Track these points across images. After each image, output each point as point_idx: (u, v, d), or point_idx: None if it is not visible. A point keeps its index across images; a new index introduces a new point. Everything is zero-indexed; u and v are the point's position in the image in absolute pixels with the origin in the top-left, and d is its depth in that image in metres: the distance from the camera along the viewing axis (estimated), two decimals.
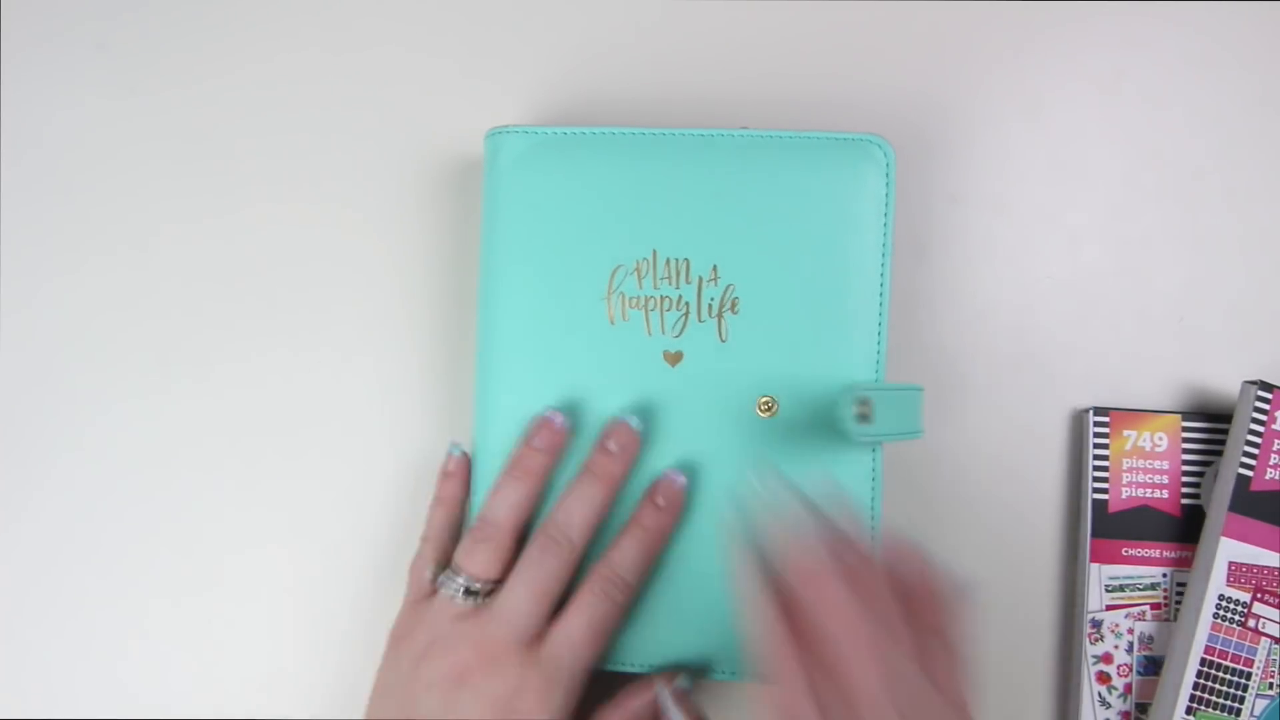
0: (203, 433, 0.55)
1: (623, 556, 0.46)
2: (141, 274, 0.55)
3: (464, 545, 0.47)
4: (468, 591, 0.46)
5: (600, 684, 0.47)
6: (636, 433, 0.47)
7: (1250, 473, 0.50)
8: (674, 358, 0.48)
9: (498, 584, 0.47)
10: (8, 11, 0.56)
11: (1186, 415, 0.53)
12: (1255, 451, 0.50)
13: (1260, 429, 0.50)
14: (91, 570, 0.54)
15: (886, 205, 0.48)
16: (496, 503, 0.47)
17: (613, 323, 0.48)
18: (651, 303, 0.48)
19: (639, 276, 0.48)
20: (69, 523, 0.55)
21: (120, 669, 0.54)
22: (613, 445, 0.47)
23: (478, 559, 0.46)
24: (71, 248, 0.56)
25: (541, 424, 0.48)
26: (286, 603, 0.54)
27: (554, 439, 0.47)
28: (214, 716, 0.54)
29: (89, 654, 0.54)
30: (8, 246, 0.56)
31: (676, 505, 0.47)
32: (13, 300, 0.55)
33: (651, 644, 0.48)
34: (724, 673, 0.48)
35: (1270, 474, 0.50)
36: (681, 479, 0.47)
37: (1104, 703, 0.51)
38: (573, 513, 0.47)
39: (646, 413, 0.48)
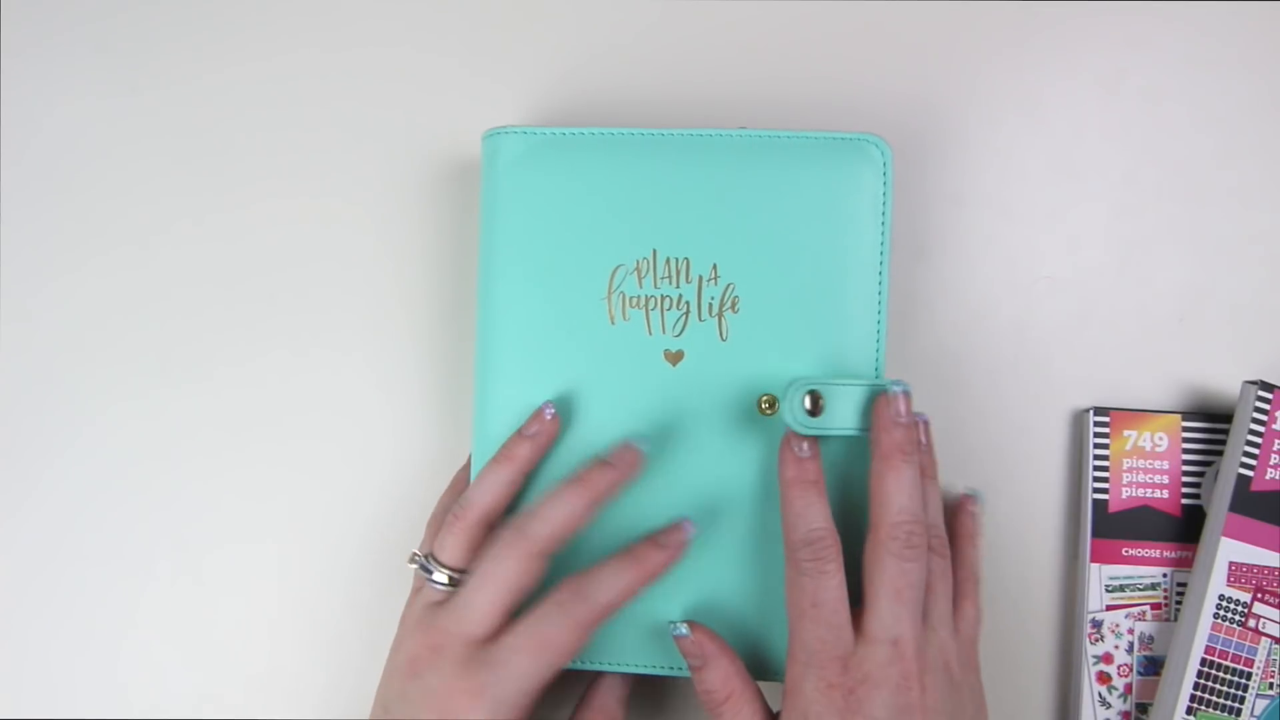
0: (202, 432, 0.55)
1: (603, 577, 0.45)
2: (141, 273, 0.55)
3: (440, 532, 0.47)
4: (445, 578, 0.46)
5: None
6: (640, 457, 0.47)
7: (1250, 473, 0.50)
8: (675, 357, 0.48)
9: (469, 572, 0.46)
10: (8, 11, 0.56)
11: (1186, 415, 0.52)
12: (1255, 451, 0.50)
13: (1260, 429, 0.50)
14: (90, 570, 0.54)
15: (884, 204, 0.48)
16: (473, 487, 0.47)
17: (613, 322, 0.48)
18: (652, 302, 0.48)
19: (639, 276, 0.48)
20: (67, 522, 0.54)
21: (118, 669, 0.54)
22: (609, 458, 0.46)
23: (446, 545, 0.46)
24: (71, 246, 0.56)
25: (533, 414, 0.47)
26: (286, 602, 0.54)
27: (543, 427, 0.47)
28: (213, 717, 0.54)
29: (87, 654, 0.54)
30: (7, 245, 0.56)
31: (676, 553, 0.46)
32: (12, 299, 0.55)
33: (642, 642, 0.48)
34: None
35: (1270, 474, 0.50)
36: (692, 530, 0.47)
37: (1104, 703, 0.51)
38: (544, 513, 0.45)
39: (646, 411, 0.48)
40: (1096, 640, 0.52)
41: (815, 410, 0.45)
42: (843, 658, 0.42)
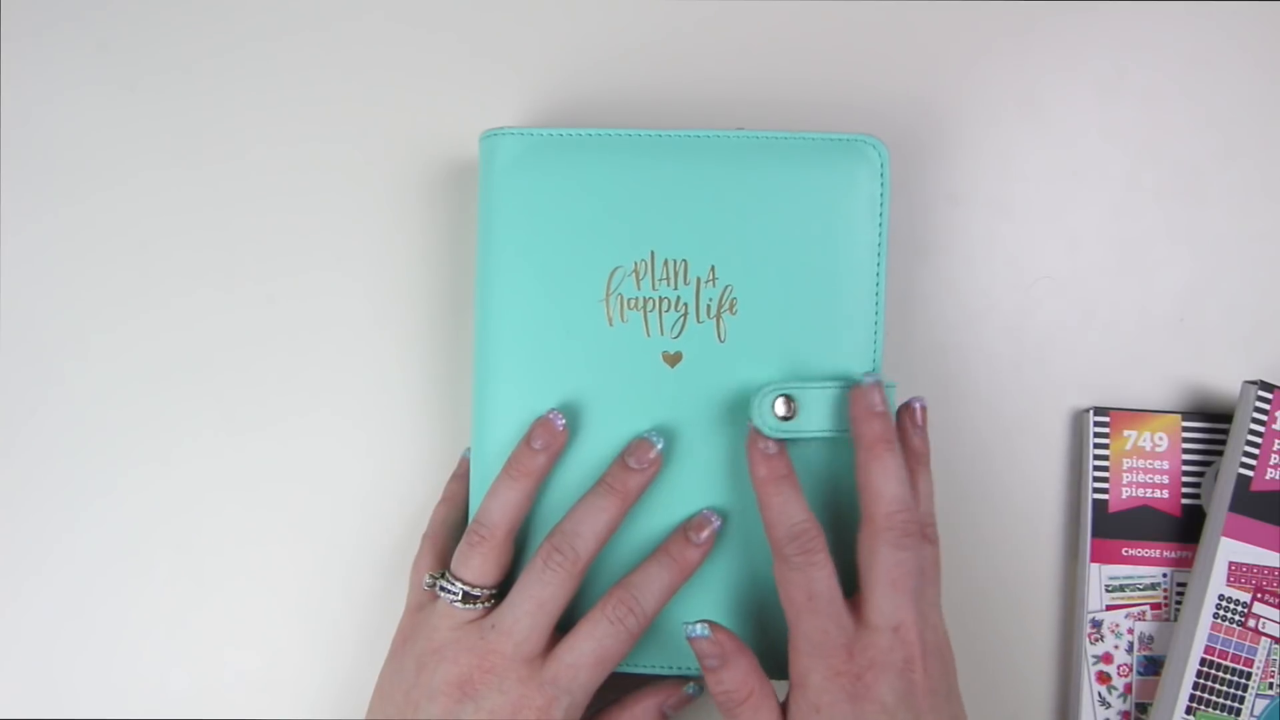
0: (200, 433, 0.55)
1: (645, 582, 0.46)
2: (139, 272, 0.55)
3: (460, 550, 0.47)
4: (467, 597, 0.46)
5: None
6: (659, 453, 0.47)
7: (1250, 473, 0.50)
8: (673, 359, 0.48)
9: (497, 589, 0.47)
10: (8, 10, 0.57)
11: (1186, 415, 0.52)
12: (1255, 451, 0.50)
13: (1260, 429, 0.50)
14: (89, 571, 0.54)
15: (881, 204, 0.48)
16: (491, 504, 0.47)
17: (611, 324, 0.48)
18: (650, 304, 0.48)
19: (637, 278, 0.48)
20: (67, 523, 0.55)
21: (118, 670, 0.54)
22: (633, 462, 0.47)
23: (473, 565, 0.46)
24: (69, 244, 0.56)
25: (541, 423, 0.47)
26: (286, 603, 0.54)
27: (553, 439, 0.47)
28: (213, 717, 0.54)
29: (86, 655, 0.54)
30: (5, 243, 0.56)
31: (708, 545, 0.47)
32: (10, 297, 0.56)
33: (659, 644, 0.48)
34: None
35: (1270, 474, 0.50)
36: (718, 520, 0.47)
37: (1104, 703, 0.51)
38: (581, 524, 0.46)
39: (645, 413, 0.48)
40: (1096, 640, 0.52)
41: (789, 414, 0.46)
42: (847, 645, 0.43)
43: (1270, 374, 0.53)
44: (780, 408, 0.46)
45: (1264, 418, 0.50)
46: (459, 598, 0.46)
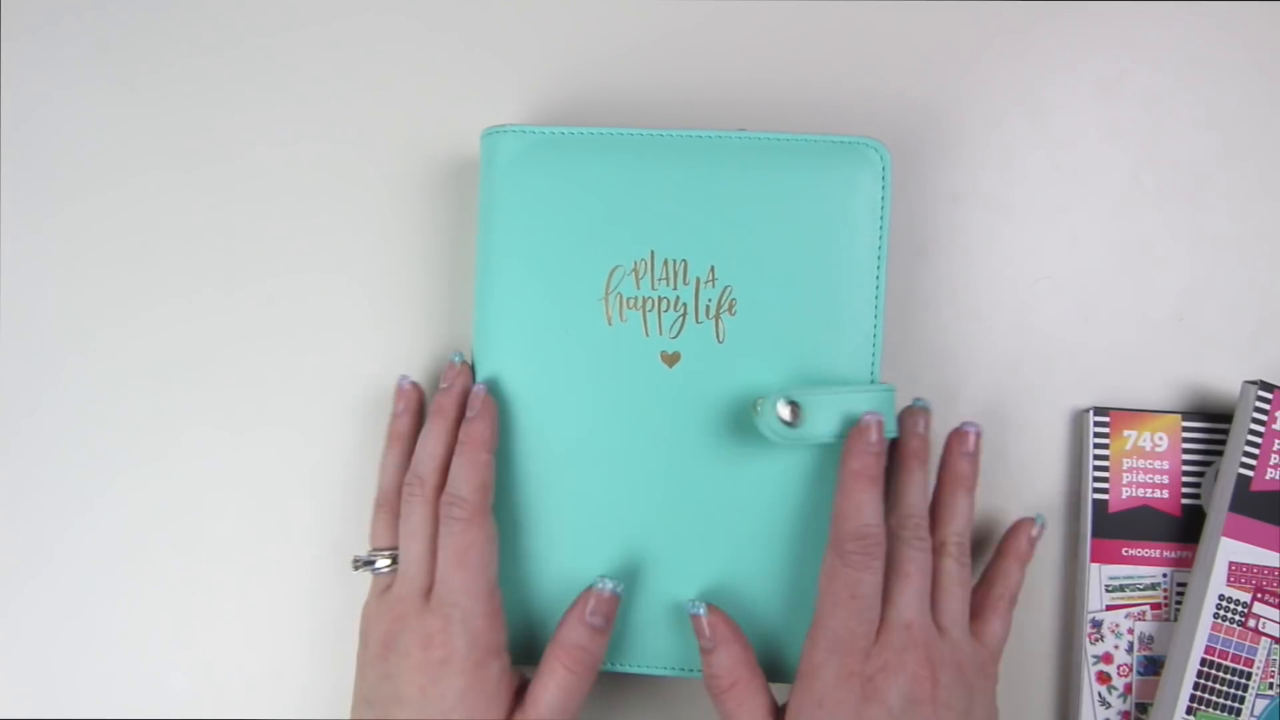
0: (200, 432, 0.55)
1: (454, 476, 0.47)
2: (139, 272, 0.56)
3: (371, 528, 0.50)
4: (387, 561, 0.49)
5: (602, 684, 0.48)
6: (461, 364, 0.50)
7: (1250, 473, 0.50)
8: (671, 359, 0.48)
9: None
10: (7, 10, 0.57)
11: (1186, 415, 0.52)
12: (1255, 451, 0.50)
13: (1260, 429, 0.50)
14: (89, 570, 0.54)
15: (882, 207, 0.48)
16: (379, 473, 0.51)
17: (610, 323, 0.48)
18: (649, 304, 0.48)
19: (636, 277, 0.48)
20: (67, 523, 0.55)
21: (118, 670, 0.54)
22: (442, 382, 0.50)
23: (376, 530, 0.50)
24: (69, 244, 0.56)
25: (397, 393, 0.51)
26: (286, 602, 0.54)
27: (407, 402, 0.51)
28: (212, 717, 0.54)
29: (87, 655, 0.54)
30: (5, 243, 0.56)
31: (488, 411, 0.47)
32: (10, 297, 0.56)
33: (644, 643, 0.48)
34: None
35: (1270, 474, 0.50)
36: (482, 389, 0.48)
37: (1104, 703, 0.51)
38: (420, 452, 0.48)
39: (642, 412, 0.48)
40: (1096, 640, 0.52)
41: (795, 420, 0.46)
42: (865, 649, 0.44)
43: (1270, 374, 0.53)
44: (785, 413, 0.46)
45: (1264, 418, 0.50)
46: (375, 566, 0.49)
